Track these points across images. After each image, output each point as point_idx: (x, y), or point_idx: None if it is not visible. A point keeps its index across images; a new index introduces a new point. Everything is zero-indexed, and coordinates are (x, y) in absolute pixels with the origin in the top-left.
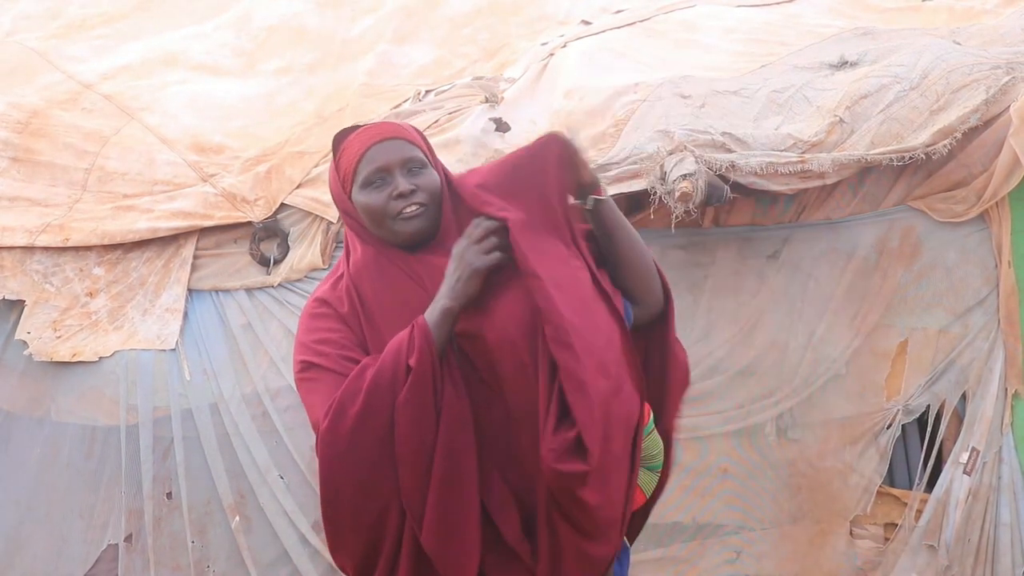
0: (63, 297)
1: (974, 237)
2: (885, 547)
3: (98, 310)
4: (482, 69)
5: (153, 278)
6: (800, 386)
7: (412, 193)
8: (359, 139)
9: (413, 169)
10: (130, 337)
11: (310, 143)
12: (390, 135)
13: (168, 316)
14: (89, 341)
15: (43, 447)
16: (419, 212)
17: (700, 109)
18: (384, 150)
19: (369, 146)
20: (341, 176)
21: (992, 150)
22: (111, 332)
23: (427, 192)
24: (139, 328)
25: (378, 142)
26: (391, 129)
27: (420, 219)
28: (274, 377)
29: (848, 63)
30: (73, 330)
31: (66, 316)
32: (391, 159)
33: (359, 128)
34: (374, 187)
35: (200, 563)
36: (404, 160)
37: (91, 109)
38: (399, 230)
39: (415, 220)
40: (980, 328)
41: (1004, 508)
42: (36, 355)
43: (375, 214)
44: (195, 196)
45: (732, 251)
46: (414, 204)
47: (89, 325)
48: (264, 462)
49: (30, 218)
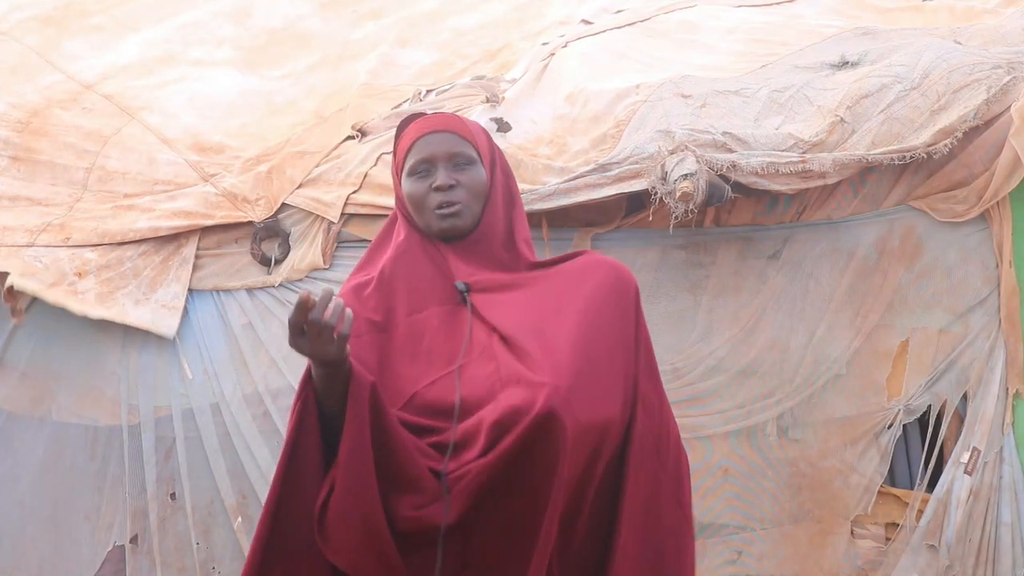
0: (50, 273)
1: (975, 237)
2: (886, 547)
3: (86, 291)
4: (483, 69)
5: (148, 272)
6: (801, 386)
7: (451, 188)
8: (415, 127)
9: (459, 164)
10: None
11: (311, 143)
12: (442, 127)
13: (165, 312)
14: (73, 304)
15: (46, 448)
16: (456, 211)
17: (701, 109)
18: (433, 141)
19: (421, 135)
20: (396, 161)
21: (993, 150)
22: (100, 309)
23: (467, 189)
24: (129, 312)
25: (429, 133)
26: (445, 121)
27: (455, 218)
28: (275, 377)
29: (849, 63)
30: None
31: (51, 291)
32: (437, 151)
33: (421, 116)
34: (418, 176)
35: (205, 564)
36: (451, 154)
37: (91, 108)
38: (433, 224)
39: (449, 219)
40: (981, 328)
41: (1005, 508)
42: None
43: (415, 203)
44: (196, 196)
45: (733, 251)
46: (451, 201)
47: (77, 300)
48: (265, 462)
49: (30, 217)
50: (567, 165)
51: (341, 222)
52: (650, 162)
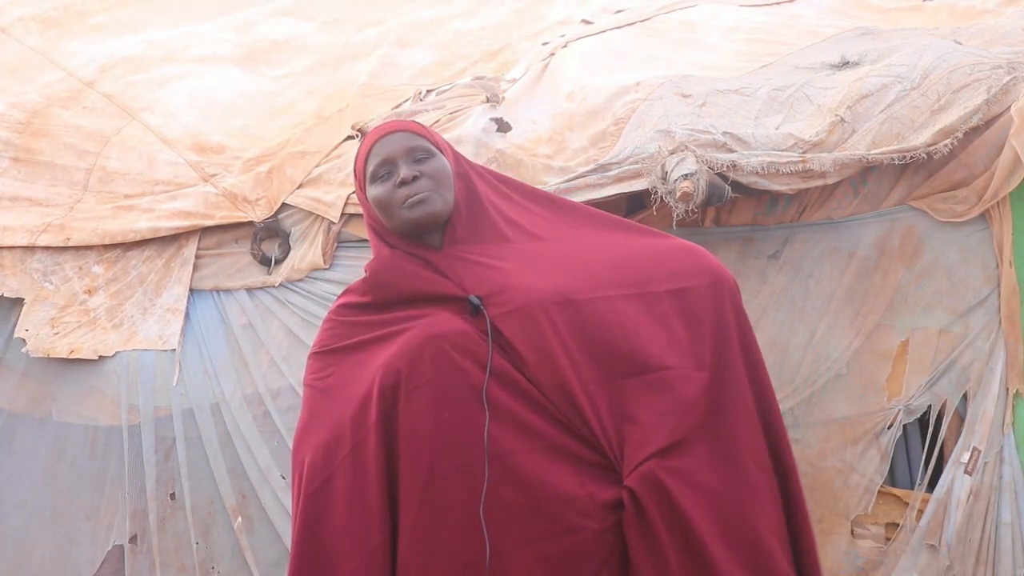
0: (61, 295)
1: (975, 237)
2: (886, 547)
3: (96, 307)
4: (483, 69)
5: (153, 276)
6: (801, 386)
7: (415, 180)
8: (368, 139)
9: (419, 158)
10: (131, 337)
11: (311, 143)
12: (393, 129)
13: (169, 316)
14: (87, 338)
15: (47, 448)
16: (424, 197)
17: (701, 108)
18: (388, 143)
19: (374, 142)
20: (357, 178)
21: (993, 150)
22: (110, 330)
23: (432, 178)
24: (139, 327)
25: (381, 137)
26: (395, 124)
27: (426, 204)
28: (275, 377)
29: (849, 63)
30: (71, 327)
31: (64, 313)
32: (394, 150)
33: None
34: (381, 179)
35: (205, 564)
36: (408, 150)
37: (92, 108)
38: (407, 217)
39: (420, 205)
40: (981, 328)
41: (1005, 508)
42: (33, 352)
43: (384, 205)
44: (196, 196)
45: (733, 251)
46: (419, 191)
47: (87, 322)
48: (265, 462)
49: (31, 218)
50: (567, 165)
51: (341, 222)
52: (650, 162)
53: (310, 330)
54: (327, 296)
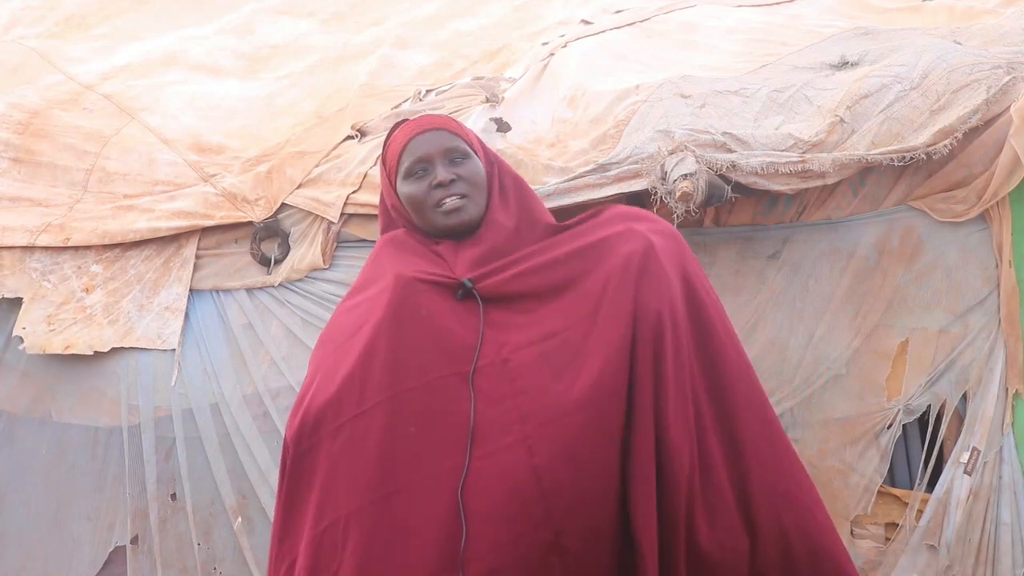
0: (59, 293)
1: (974, 237)
2: (886, 547)
3: (93, 304)
4: (482, 69)
5: (151, 275)
6: (800, 386)
7: (452, 183)
8: (403, 132)
9: (455, 159)
10: (127, 333)
11: (311, 143)
12: (432, 126)
13: (168, 315)
14: (83, 334)
15: (47, 449)
16: (460, 204)
17: (701, 109)
18: (425, 141)
19: (411, 137)
20: (387, 169)
21: (993, 150)
22: (106, 326)
23: (468, 182)
24: (136, 323)
25: (419, 133)
26: (433, 121)
27: (462, 212)
28: (275, 377)
29: (848, 63)
30: (67, 323)
31: (61, 311)
32: (432, 149)
33: (405, 122)
34: (416, 177)
35: (207, 564)
36: (445, 150)
37: (91, 109)
38: (440, 222)
39: (456, 213)
40: (980, 328)
41: (1005, 508)
42: (30, 349)
43: (417, 203)
44: (195, 196)
45: (733, 251)
46: (454, 195)
47: (84, 319)
48: (265, 463)
49: (31, 218)
50: (567, 165)
51: (341, 222)
52: (650, 162)
53: (310, 330)
54: (327, 296)
